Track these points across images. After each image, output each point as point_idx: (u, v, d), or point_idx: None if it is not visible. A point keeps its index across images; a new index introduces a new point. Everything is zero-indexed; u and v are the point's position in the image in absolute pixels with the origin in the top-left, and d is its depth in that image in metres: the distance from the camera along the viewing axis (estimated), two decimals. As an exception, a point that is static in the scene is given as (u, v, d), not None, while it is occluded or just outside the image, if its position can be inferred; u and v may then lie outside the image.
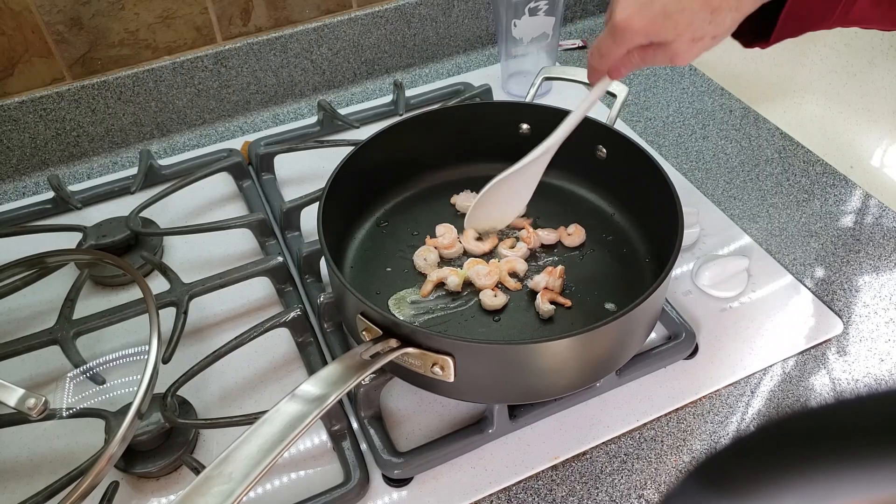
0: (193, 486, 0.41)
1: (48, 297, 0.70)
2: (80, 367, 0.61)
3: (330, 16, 0.94)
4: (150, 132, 0.92)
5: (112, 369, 0.65)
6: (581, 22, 1.10)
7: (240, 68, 0.92)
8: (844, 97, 1.14)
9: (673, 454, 0.58)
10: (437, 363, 0.51)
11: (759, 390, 0.62)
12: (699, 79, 0.98)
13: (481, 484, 0.56)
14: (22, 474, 0.58)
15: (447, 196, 0.74)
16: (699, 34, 0.48)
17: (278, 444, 0.43)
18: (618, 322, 0.50)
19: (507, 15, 0.86)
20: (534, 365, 0.52)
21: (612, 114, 0.69)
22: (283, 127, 0.90)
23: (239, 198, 0.82)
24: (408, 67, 1.03)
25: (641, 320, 0.55)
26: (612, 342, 0.54)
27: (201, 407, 0.62)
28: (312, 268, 0.71)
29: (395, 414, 0.60)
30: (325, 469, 0.57)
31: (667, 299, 0.67)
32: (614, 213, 0.72)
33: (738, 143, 0.87)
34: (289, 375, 0.64)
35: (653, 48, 0.49)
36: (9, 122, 0.84)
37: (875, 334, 0.65)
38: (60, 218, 0.80)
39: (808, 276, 0.71)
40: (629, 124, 0.90)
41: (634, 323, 0.54)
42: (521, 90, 0.91)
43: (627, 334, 0.55)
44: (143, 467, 0.56)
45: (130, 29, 0.84)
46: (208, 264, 0.75)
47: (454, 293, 0.65)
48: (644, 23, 0.47)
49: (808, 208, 0.78)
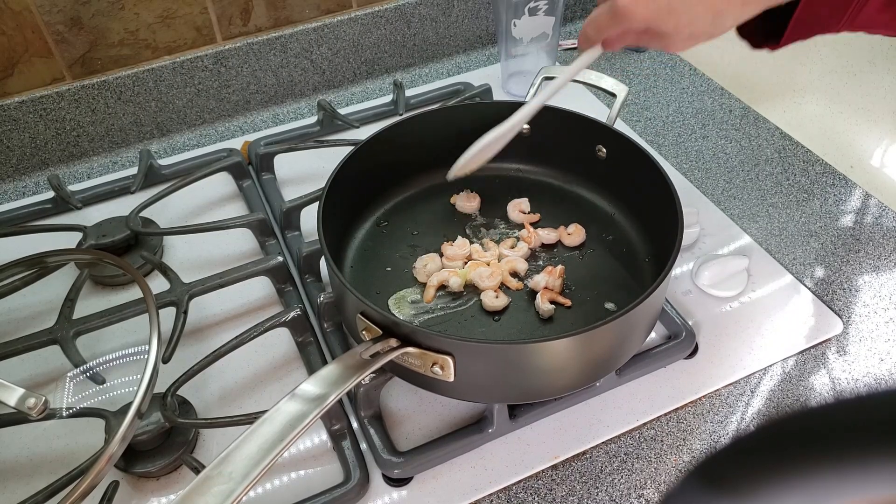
0: (193, 486, 0.41)
1: (48, 296, 0.70)
2: (80, 366, 0.61)
3: (330, 16, 0.94)
4: (150, 132, 0.92)
5: (112, 369, 0.65)
6: (581, 22, 1.10)
7: (240, 68, 0.92)
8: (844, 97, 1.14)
9: (673, 454, 0.58)
10: (437, 363, 0.51)
11: (758, 390, 0.62)
12: (699, 79, 0.98)
13: (481, 484, 0.56)
14: (22, 474, 0.58)
15: (447, 196, 0.74)
16: (697, 32, 0.48)
17: (278, 444, 0.43)
18: (618, 322, 0.50)
19: (507, 15, 0.86)
20: (534, 365, 0.52)
21: (612, 114, 0.69)
22: (283, 127, 0.90)
23: (239, 198, 0.82)
24: (408, 67, 1.02)
25: (641, 320, 0.55)
26: (612, 342, 0.54)
27: (201, 407, 0.62)
28: (312, 268, 0.71)
29: (395, 414, 0.60)
30: (325, 469, 0.57)
31: (667, 299, 0.67)
32: (614, 213, 0.72)
33: (738, 142, 0.87)
34: (289, 375, 0.64)
35: (649, 34, 0.50)
36: (9, 122, 0.84)
37: (875, 334, 0.65)
38: (60, 218, 0.80)
39: (808, 276, 0.71)
40: (629, 124, 0.90)
41: (634, 323, 0.54)
42: (521, 90, 0.91)
43: (627, 334, 0.55)
44: (143, 467, 0.56)
45: (130, 29, 0.84)
46: (208, 264, 0.75)
47: (454, 293, 0.65)
48: (647, 13, 0.47)
49: (808, 208, 0.78)
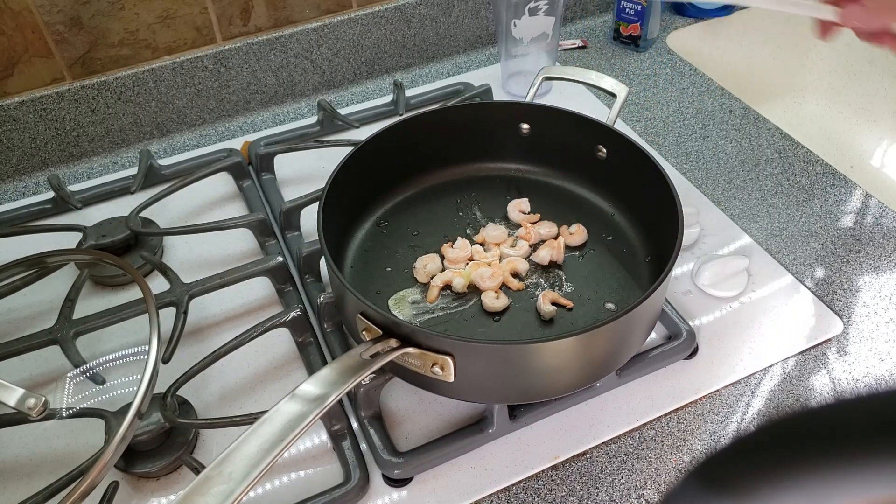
0: (193, 486, 0.41)
1: (48, 297, 0.70)
2: (80, 367, 0.61)
3: (330, 16, 0.94)
4: (150, 132, 0.92)
5: (112, 369, 0.65)
6: (581, 22, 1.10)
7: (240, 68, 0.92)
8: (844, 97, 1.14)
9: (673, 454, 0.58)
10: (437, 363, 0.51)
11: (759, 390, 0.62)
12: (699, 79, 0.98)
13: (481, 484, 0.56)
14: (22, 474, 0.58)
15: (447, 196, 0.74)
16: None
17: (278, 444, 0.43)
18: (618, 322, 0.50)
19: (507, 15, 0.86)
20: (534, 365, 0.52)
21: (612, 114, 0.69)
22: (283, 127, 0.90)
23: (239, 198, 0.82)
24: (408, 67, 1.02)
25: (641, 320, 0.55)
26: (612, 342, 0.54)
27: (201, 407, 0.62)
28: (312, 268, 0.71)
29: (395, 414, 0.60)
30: (325, 469, 0.57)
31: (667, 299, 0.67)
32: (614, 213, 0.72)
33: (738, 143, 0.87)
34: (289, 375, 0.64)
35: None
36: (9, 122, 0.84)
37: (875, 334, 0.65)
38: (60, 218, 0.80)
39: (808, 276, 0.71)
40: (629, 124, 0.90)
41: (634, 323, 0.54)
42: (521, 90, 0.91)
43: (627, 334, 0.55)
44: (143, 467, 0.56)
45: (130, 29, 0.84)
46: (208, 264, 0.75)
47: (455, 294, 0.65)
48: None
49: (808, 208, 0.78)
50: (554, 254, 0.66)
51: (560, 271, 0.67)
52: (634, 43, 1.02)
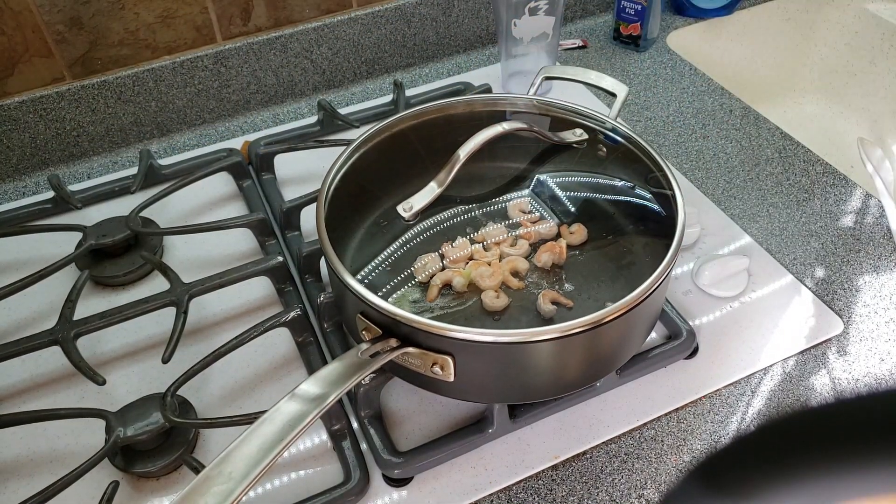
0: (193, 486, 0.41)
1: (49, 297, 0.70)
2: (80, 367, 0.61)
3: (330, 16, 0.93)
4: (150, 132, 0.92)
5: (112, 369, 0.65)
6: (581, 22, 1.10)
7: (240, 68, 0.92)
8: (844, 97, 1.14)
9: (673, 454, 0.58)
10: (437, 363, 0.51)
11: (759, 390, 0.62)
12: (699, 79, 0.98)
13: (481, 484, 0.56)
14: (22, 474, 0.58)
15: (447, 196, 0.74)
16: None
17: (278, 444, 0.43)
18: (618, 322, 0.50)
19: (507, 15, 0.86)
20: (534, 364, 0.52)
21: (612, 113, 0.69)
22: (283, 127, 0.90)
23: (239, 197, 0.82)
24: (408, 67, 1.02)
25: (641, 320, 0.55)
26: (612, 342, 0.54)
27: (201, 407, 0.62)
28: (312, 267, 0.71)
29: (395, 414, 0.60)
30: (325, 469, 0.57)
31: (667, 299, 0.67)
32: (614, 212, 0.72)
33: (738, 142, 0.87)
34: (289, 375, 0.64)
35: None
36: (9, 122, 0.84)
37: (875, 334, 0.65)
38: (60, 218, 0.80)
39: (808, 276, 0.71)
40: (629, 124, 0.90)
41: (634, 323, 0.54)
42: (522, 90, 0.91)
43: (627, 334, 0.55)
44: (142, 467, 0.56)
45: (130, 29, 0.84)
46: (208, 264, 0.75)
47: (455, 293, 0.65)
48: None
49: (808, 208, 0.78)
50: (556, 258, 0.66)
51: (560, 270, 0.67)
52: (634, 43, 1.02)
